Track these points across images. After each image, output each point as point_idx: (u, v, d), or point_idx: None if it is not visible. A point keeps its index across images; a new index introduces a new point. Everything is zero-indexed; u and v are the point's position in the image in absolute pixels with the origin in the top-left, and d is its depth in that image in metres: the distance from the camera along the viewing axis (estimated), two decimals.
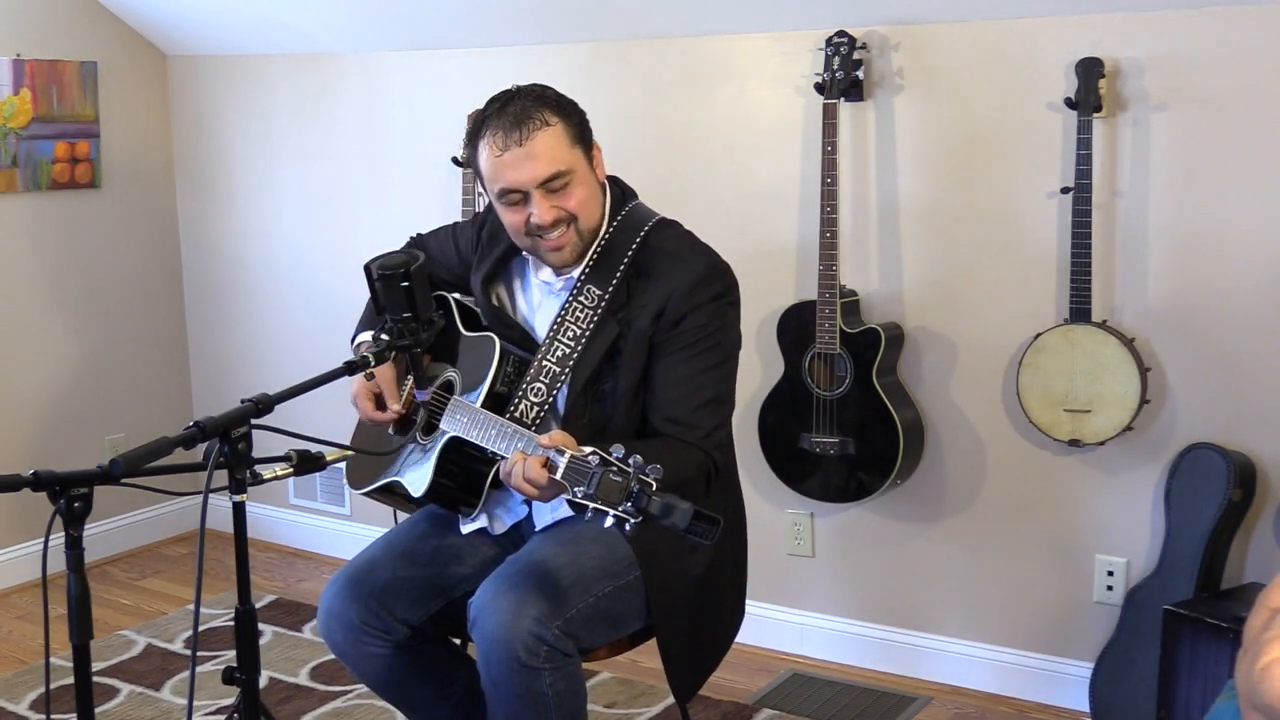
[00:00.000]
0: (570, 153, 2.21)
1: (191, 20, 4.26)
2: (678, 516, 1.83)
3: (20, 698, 3.38)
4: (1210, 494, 2.87)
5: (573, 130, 2.23)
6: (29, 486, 1.71)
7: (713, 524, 1.84)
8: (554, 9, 3.58)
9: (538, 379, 2.26)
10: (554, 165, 2.19)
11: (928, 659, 3.44)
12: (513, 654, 2.11)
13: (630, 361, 2.26)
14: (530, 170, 2.18)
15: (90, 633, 1.75)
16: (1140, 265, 3.02)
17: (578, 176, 2.22)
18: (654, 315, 2.24)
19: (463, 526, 2.43)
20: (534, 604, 2.14)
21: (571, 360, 2.26)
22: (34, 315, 4.22)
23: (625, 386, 2.26)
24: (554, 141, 2.19)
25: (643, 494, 1.84)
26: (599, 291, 2.26)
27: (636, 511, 1.84)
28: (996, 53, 3.12)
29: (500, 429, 2.16)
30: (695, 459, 2.21)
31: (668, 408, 2.24)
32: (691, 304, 2.23)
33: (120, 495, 3.99)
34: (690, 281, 2.24)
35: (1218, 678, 2.69)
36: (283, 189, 4.35)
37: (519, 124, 2.18)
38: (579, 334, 2.26)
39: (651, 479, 1.86)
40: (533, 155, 2.17)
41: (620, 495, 1.85)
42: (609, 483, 1.86)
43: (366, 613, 2.33)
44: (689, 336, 2.24)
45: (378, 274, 2.06)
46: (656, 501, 1.84)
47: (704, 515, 1.84)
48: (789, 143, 3.39)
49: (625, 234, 2.30)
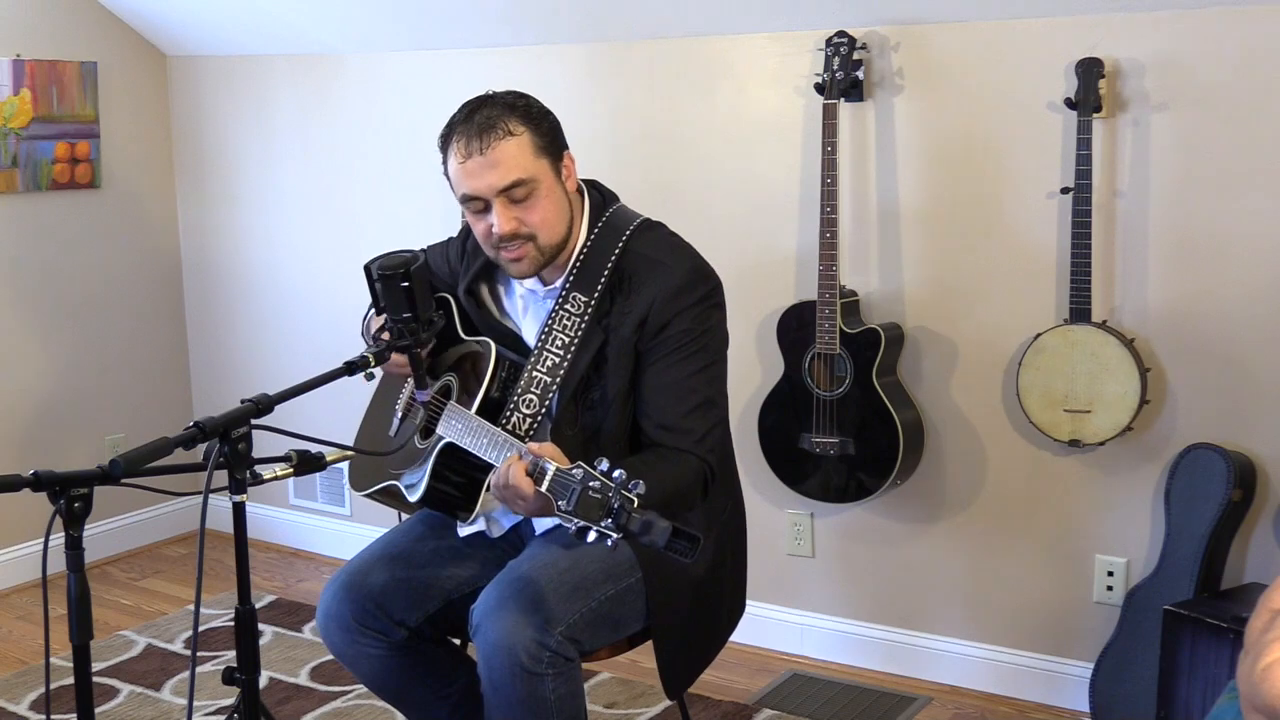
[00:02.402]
0: (534, 163, 2.20)
1: (191, 20, 4.26)
2: (656, 534, 1.83)
3: (20, 698, 3.38)
4: (1210, 494, 2.87)
5: (539, 140, 2.21)
6: (29, 486, 1.71)
7: (692, 542, 1.84)
8: (554, 9, 3.58)
9: (529, 390, 2.25)
10: (514, 174, 2.17)
11: (928, 659, 3.44)
12: (516, 660, 2.11)
13: (616, 369, 2.25)
14: (490, 178, 2.18)
15: (90, 633, 1.76)
16: (1140, 265, 3.02)
17: (542, 188, 2.21)
18: (637, 323, 2.23)
19: (460, 530, 2.43)
20: (537, 610, 2.14)
21: (561, 370, 2.25)
22: (34, 315, 4.22)
23: (614, 394, 2.25)
24: (516, 151, 2.18)
25: (623, 510, 1.85)
26: (585, 299, 2.26)
27: (616, 528, 1.85)
28: (996, 53, 3.12)
29: (492, 438, 2.16)
30: (691, 466, 2.21)
31: (659, 415, 2.24)
32: (675, 310, 2.23)
33: (120, 495, 3.99)
34: (672, 287, 2.23)
35: (1218, 678, 2.69)
36: (282, 189, 4.36)
37: (482, 132, 2.18)
38: (567, 343, 2.25)
39: (633, 495, 1.86)
40: (494, 164, 2.17)
41: (600, 512, 1.86)
42: (588, 500, 1.86)
43: (364, 614, 2.33)
44: (674, 342, 2.23)
45: (378, 274, 2.07)
46: (636, 519, 1.84)
47: (682, 533, 1.84)
48: (789, 143, 3.39)
49: (607, 240, 2.29)
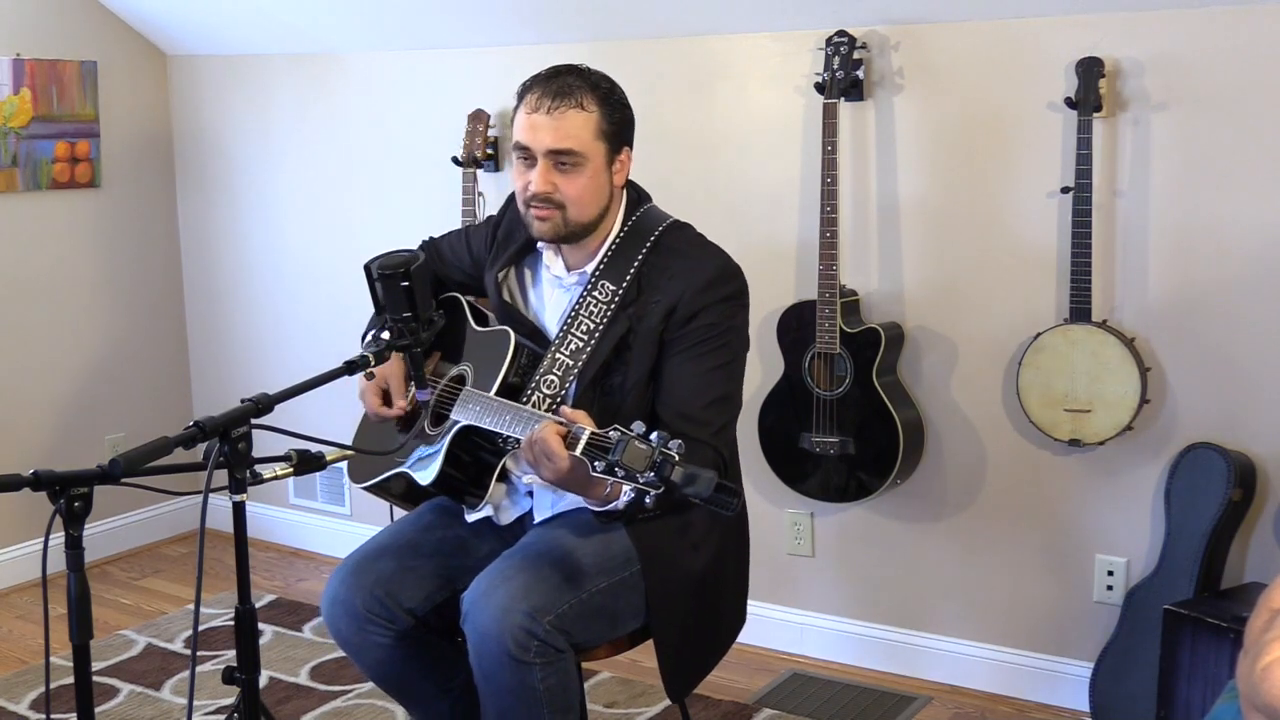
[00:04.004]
0: (593, 142, 2.26)
1: (191, 20, 4.26)
2: (701, 485, 1.86)
3: (20, 698, 3.38)
4: (1210, 494, 2.87)
5: (607, 125, 2.27)
6: (29, 486, 1.71)
7: (733, 494, 1.88)
8: (554, 9, 3.58)
9: (551, 371, 2.29)
10: (569, 142, 2.23)
11: (928, 659, 3.43)
12: (503, 648, 2.13)
13: (640, 356, 2.29)
14: (546, 137, 2.23)
15: (90, 633, 1.76)
16: (1140, 265, 3.02)
17: (589, 167, 2.26)
18: (666, 312, 2.27)
19: (468, 516, 2.43)
20: (525, 598, 2.15)
21: (584, 354, 2.29)
22: (34, 315, 4.22)
23: (634, 381, 2.29)
24: (582, 124, 2.24)
25: (666, 463, 1.87)
26: (613, 287, 2.30)
27: (659, 480, 1.88)
28: (996, 53, 3.12)
29: (515, 414, 2.18)
30: (707, 455, 2.23)
31: (679, 404, 2.27)
32: (703, 303, 2.27)
33: (120, 495, 3.98)
34: (703, 281, 2.28)
35: (1218, 678, 2.69)
36: (283, 189, 4.35)
37: (558, 95, 2.24)
38: (592, 328, 2.29)
39: (674, 451, 1.89)
40: (555, 126, 2.23)
41: (645, 463, 1.88)
42: (634, 450, 1.89)
43: (371, 600, 2.33)
44: (700, 334, 2.27)
45: (378, 274, 2.07)
46: (680, 470, 1.87)
47: (725, 486, 1.87)
48: (789, 142, 3.39)
49: (639, 233, 2.34)
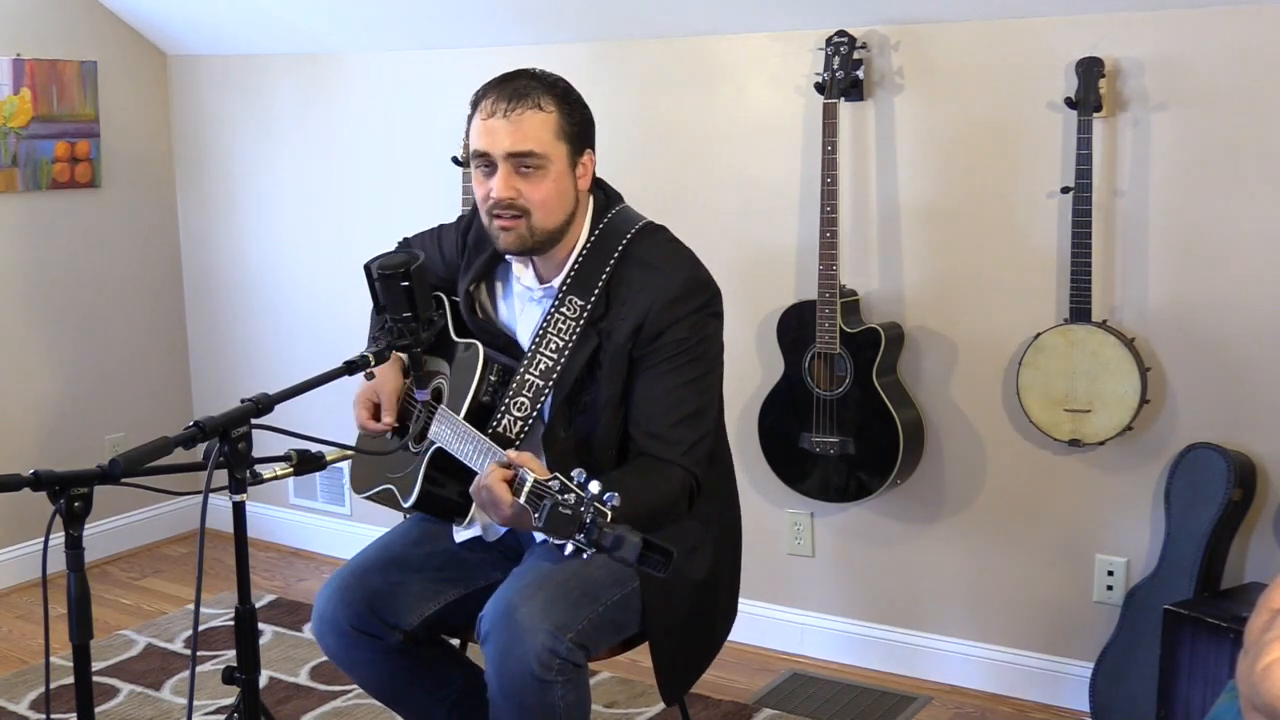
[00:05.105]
0: (553, 143, 2.18)
1: (191, 20, 4.26)
2: (627, 550, 1.80)
3: (20, 698, 3.38)
4: (1210, 494, 2.87)
5: (566, 126, 2.20)
6: (29, 486, 1.71)
7: (665, 555, 1.81)
8: (554, 9, 3.58)
9: (521, 393, 2.23)
10: (529, 144, 2.16)
11: (928, 659, 3.43)
12: (527, 668, 2.09)
13: (610, 374, 2.23)
14: (504, 140, 2.16)
15: (90, 633, 1.75)
16: (1140, 265, 3.02)
17: (552, 170, 2.18)
18: (633, 329, 2.21)
19: (456, 534, 2.42)
20: (546, 617, 2.12)
21: (554, 374, 2.23)
22: (34, 315, 4.22)
23: (606, 398, 2.23)
24: (540, 125, 2.17)
25: (595, 526, 1.81)
26: (581, 302, 2.23)
27: (589, 543, 1.82)
28: (996, 53, 3.12)
29: (477, 445, 2.14)
30: (677, 478, 2.19)
31: (647, 423, 2.22)
32: (671, 318, 2.20)
33: (120, 495, 3.98)
34: (669, 295, 2.21)
35: (1218, 678, 2.69)
36: (283, 189, 4.35)
37: (514, 97, 2.17)
38: (561, 346, 2.23)
39: (607, 508, 1.82)
40: (513, 129, 2.16)
41: (572, 527, 1.82)
42: (558, 515, 1.82)
43: (359, 618, 2.32)
44: (669, 350, 2.21)
45: (378, 274, 2.06)
46: (608, 534, 1.80)
47: (655, 546, 1.81)
48: (789, 143, 3.39)
49: (606, 243, 2.27)
